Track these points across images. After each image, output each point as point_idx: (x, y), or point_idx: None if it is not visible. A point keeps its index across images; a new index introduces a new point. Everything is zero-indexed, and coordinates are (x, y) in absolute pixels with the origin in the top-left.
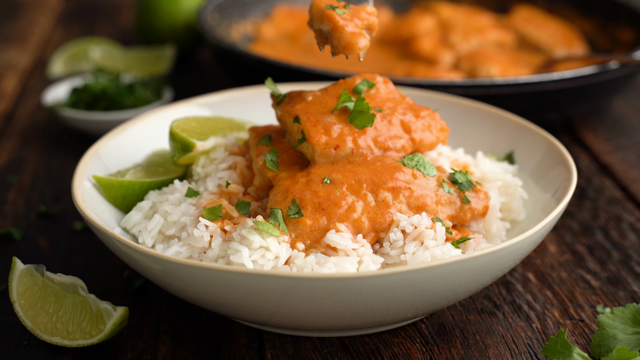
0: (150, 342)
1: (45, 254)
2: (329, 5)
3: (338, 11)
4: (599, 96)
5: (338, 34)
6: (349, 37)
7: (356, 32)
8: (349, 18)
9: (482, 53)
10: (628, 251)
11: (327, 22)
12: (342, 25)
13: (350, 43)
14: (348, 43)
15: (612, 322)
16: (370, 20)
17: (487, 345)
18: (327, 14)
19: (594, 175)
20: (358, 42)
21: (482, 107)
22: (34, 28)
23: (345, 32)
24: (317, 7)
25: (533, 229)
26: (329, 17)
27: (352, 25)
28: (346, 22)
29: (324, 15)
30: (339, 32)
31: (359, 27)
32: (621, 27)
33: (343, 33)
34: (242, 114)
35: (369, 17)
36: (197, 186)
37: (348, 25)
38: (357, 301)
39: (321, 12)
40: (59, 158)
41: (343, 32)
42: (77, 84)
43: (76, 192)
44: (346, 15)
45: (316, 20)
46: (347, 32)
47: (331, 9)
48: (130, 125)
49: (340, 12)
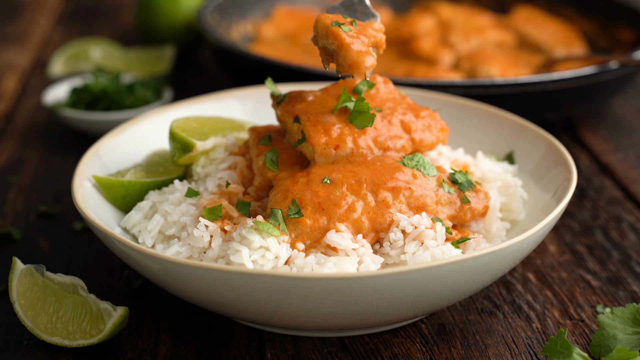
0: (150, 342)
1: (45, 254)
2: (335, 22)
3: (344, 28)
4: (599, 96)
5: (344, 52)
6: (355, 56)
7: (363, 50)
8: (355, 35)
9: (482, 53)
10: (628, 251)
11: (332, 40)
12: (348, 43)
13: (357, 62)
14: (354, 62)
15: (612, 322)
16: (377, 37)
17: (487, 345)
18: (332, 31)
19: (594, 175)
20: (364, 60)
21: (482, 107)
22: (34, 28)
23: (352, 50)
24: (322, 24)
25: (533, 229)
26: (334, 34)
27: (359, 43)
28: (352, 40)
29: (330, 32)
30: (344, 50)
31: (366, 45)
32: (621, 27)
33: (349, 51)
34: (242, 114)
35: (376, 34)
36: (197, 186)
37: (354, 43)
38: (357, 301)
39: (327, 29)
40: (59, 158)
41: (349, 51)
42: (77, 84)
43: (76, 192)
44: (352, 32)
45: (321, 37)
46: (354, 51)
47: (337, 26)
48: (130, 125)
49: (347, 29)
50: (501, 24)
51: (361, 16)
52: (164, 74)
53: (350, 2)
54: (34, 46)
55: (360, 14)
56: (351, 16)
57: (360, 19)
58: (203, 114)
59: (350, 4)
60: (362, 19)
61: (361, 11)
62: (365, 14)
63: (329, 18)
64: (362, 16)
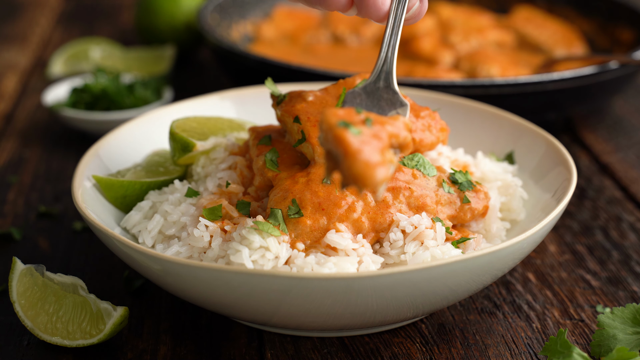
0: (150, 342)
1: (45, 254)
2: (342, 122)
3: (352, 130)
4: (599, 96)
5: (349, 162)
6: (361, 168)
7: (372, 161)
8: (366, 140)
9: (482, 53)
10: (628, 251)
11: (336, 145)
12: (354, 150)
13: (363, 175)
14: (360, 174)
15: (612, 322)
16: (400, 137)
17: (487, 345)
18: (336, 134)
19: (594, 175)
20: (373, 174)
21: (482, 107)
22: (34, 28)
23: (358, 160)
24: (326, 124)
25: (533, 229)
26: (338, 139)
27: (370, 151)
28: (361, 147)
29: (333, 136)
30: (349, 159)
31: (381, 152)
32: (621, 27)
33: (355, 162)
34: (242, 114)
35: (399, 133)
36: (197, 186)
37: (363, 151)
38: (357, 301)
39: (331, 131)
40: (59, 158)
41: (355, 161)
42: (77, 84)
43: (76, 192)
44: (363, 135)
45: (326, 139)
46: (360, 161)
47: (344, 127)
48: (130, 125)
49: (355, 132)
50: (501, 24)
51: (386, 105)
52: (164, 74)
53: (375, 87)
54: (34, 46)
55: (386, 102)
56: (373, 105)
57: (384, 108)
58: (203, 114)
59: (375, 90)
60: (387, 109)
61: (387, 99)
62: (392, 103)
63: (336, 116)
64: (388, 105)
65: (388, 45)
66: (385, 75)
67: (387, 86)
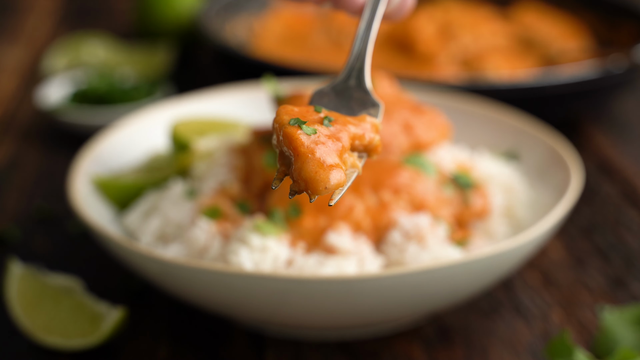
0: (150, 342)
1: (44, 254)
2: (294, 120)
3: (305, 129)
4: (601, 96)
5: (299, 164)
6: (312, 170)
7: (327, 162)
8: (321, 140)
9: (482, 53)
10: (628, 251)
11: (287, 145)
12: (304, 151)
13: (313, 179)
14: (310, 178)
15: (615, 323)
16: (365, 139)
17: (488, 345)
18: (286, 133)
19: (594, 175)
20: (326, 178)
21: (482, 107)
22: (33, 28)
23: (309, 162)
24: (277, 122)
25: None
26: (288, 138)
27: (325, 152)
28: (313, 147)
29: (284, 134)
30: (299, 160)
31: (337, 153)
32: (624, 26)
33: (305, 163)
34: (242, 113)
35: (366, 135)
36: (197, 186)
37: (315, 152)
38: (357, 303)
39: (281, 129)
40: (59, 158)
41: (305, 163)
42: (74, 83)
43: (71, 192)
44: (319, 135)
45: (277, 139)
46: (311, 163)
47: (295, 126)
48: (129, 124)
49: (309, 131)
50: (502, 23)
51: (357, 105)
52: (163, 73)
53: (345, 86)
54: (34, 46)
55: (356, 103)
56: (342, 105)
57: (354, 109)
58: (203, 114)
59: (345, 89)
60: (357, 110)
61: (358, 98)
62: (363, 103)
63: (289, 113)
64: (358, 106)
65: (361, 39)
66: (356, 73)
67: (358, 85)
